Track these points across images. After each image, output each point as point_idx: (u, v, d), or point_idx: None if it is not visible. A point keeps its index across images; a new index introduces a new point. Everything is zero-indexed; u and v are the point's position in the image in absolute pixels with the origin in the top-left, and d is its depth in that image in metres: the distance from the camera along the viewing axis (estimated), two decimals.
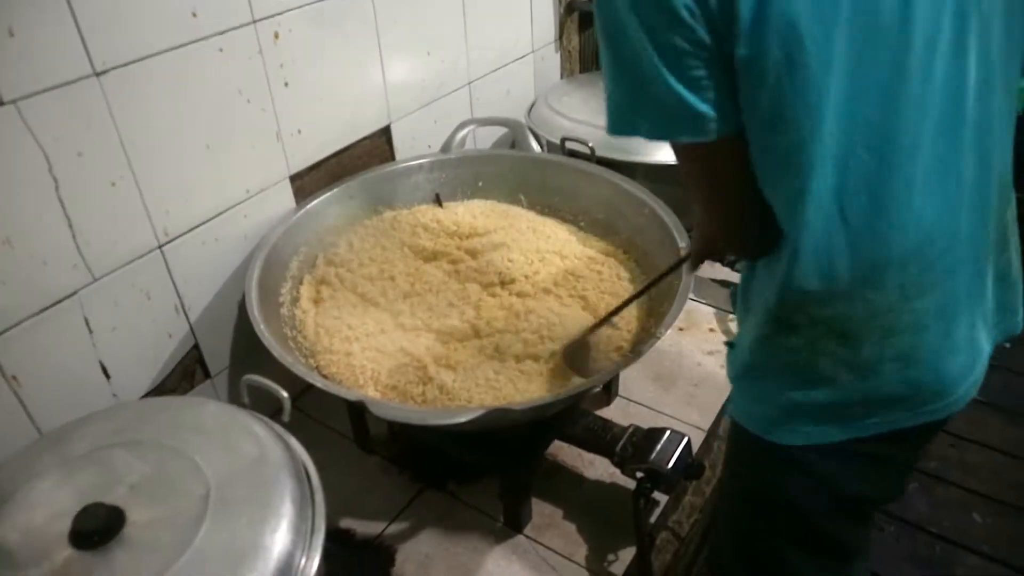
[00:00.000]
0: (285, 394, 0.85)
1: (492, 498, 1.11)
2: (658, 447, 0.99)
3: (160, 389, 1.11)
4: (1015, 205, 0.79)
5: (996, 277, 0.78)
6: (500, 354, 1.09)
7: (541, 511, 1.11)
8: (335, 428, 1.26)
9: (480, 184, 1.43)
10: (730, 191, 0.72)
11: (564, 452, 1.18)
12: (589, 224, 1.37)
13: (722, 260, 1.03)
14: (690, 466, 1.00)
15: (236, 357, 1.23)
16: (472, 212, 1.38)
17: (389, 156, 1.43)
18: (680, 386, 1.32)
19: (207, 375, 1.19)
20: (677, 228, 1.18)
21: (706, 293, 1.53)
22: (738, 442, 0.88)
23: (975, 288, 0.75)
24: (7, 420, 0.92)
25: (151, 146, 0.99)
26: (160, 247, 1.05)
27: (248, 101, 1.11)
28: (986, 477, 1.94)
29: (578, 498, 1.13)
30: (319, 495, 0.75)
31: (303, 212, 1.24)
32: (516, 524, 1.08)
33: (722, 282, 1.54)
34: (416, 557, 1.06)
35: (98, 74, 0.90)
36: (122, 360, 1.04)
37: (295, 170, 1.24)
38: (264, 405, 0.86)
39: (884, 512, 1.81)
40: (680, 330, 1.44)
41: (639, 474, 1.00)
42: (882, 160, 0.64)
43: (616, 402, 1.29)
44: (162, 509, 0.69)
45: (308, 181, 1.27)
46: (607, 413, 1.24)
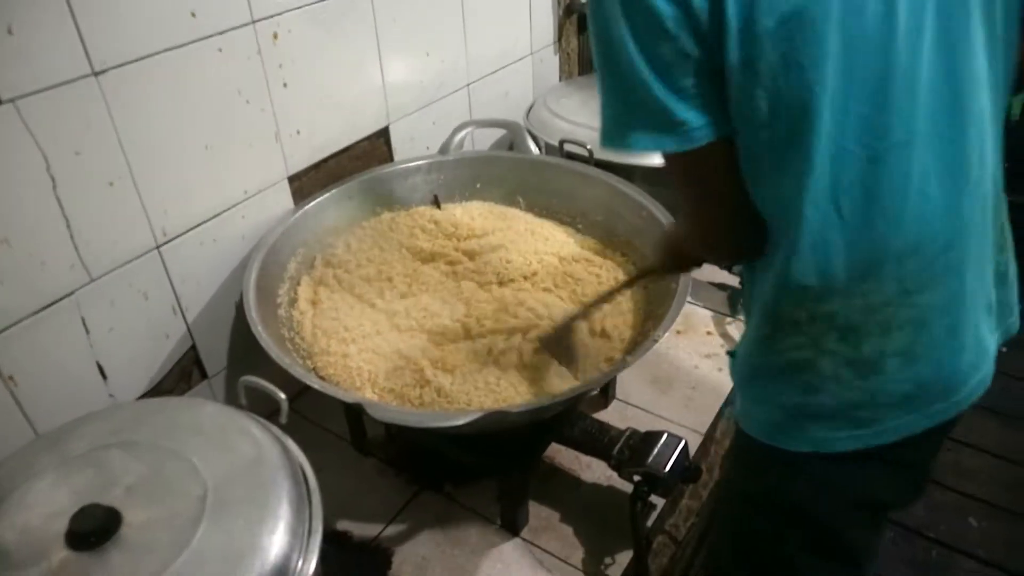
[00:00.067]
0: (282, 395, 0.85)
1: (489, 500, 1.11)
2: (655, 450, 0.99)
3: (157, 390, 1.11)
4: (1006, 207, 0.79)
5: (996, 276, 0.78)
6: (493, 356, 1.09)
7: (538, 514, 1.11)
8: (332, 430, 1.26)
9: (478, 186, 1.43)
10: (718, 197, 0.73)
11: (561, 455, 1.18)
12: (587, 226, 1.38)
13: (699, 265, 1.04)
14: (687, 469, 1.00)
15: (233, 358, 1.22)
16: (470, 214, 1.38)
17: (387, 157, 1.43)
18: (677, 389, 1.32)
19: (204, 376, 1.19)
20: None
21: (704, 296, 1.53)
22: (743, 448, 0.88)
23: (979, 286, 0.75)
24: (3, 420, 0.91)
25: (149, 146, 0.99)
26: (158, 247, 1.05)
27: (247, 101, 1.11)
28: (982, 481, 1.94)
29: (575, 501, 1.13)
30: (316, 497, 0.75)
31: (301, 213, 1.23)
32: (513, 527, 1.08)
33: (720, 285, 1.54)
34: (413, 559, 1.06)
35: (97, 74, 0.90)
36: (119, 360, 1.03)
37: (294, 171, 1.24)
38: (261, 406, 0.86)
39: None
40: (678, 333, 1.44)
41: (636, 477, 0.99)
42: (876, 156, 0.65)
43: (613, 405, 1.29)
44: (159, 510, 0.69)
45: (306, 182, 1.27)
46: (604, 416, 1.24)
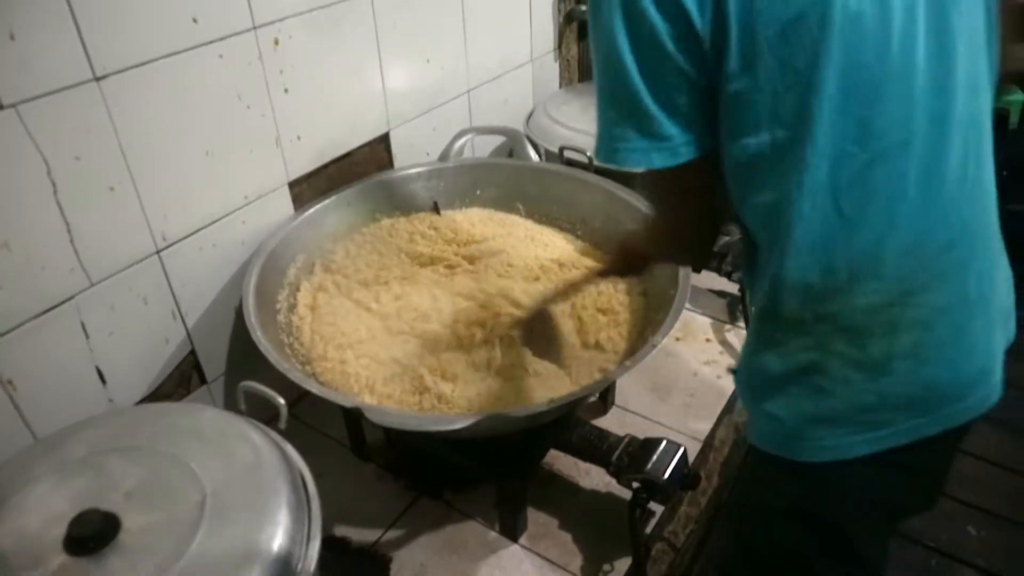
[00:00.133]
0: (282, 401, 0.85)
1: (488, 507, 1.11)
2: (654, 457, 0.99)
3: (156, 394, 1.11)
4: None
5: (1003, 280, 0.78)
6: (495, 367, 1.09)
7: (537, 520, 1.11)
8: (331, 435, 1.25)
9: (478, 192, 1.44)
10: (695, 207, 0.77)
11: (560, 461, 1.18)
12: (586, 233, 1.38)
13: (641, 269, 1.07)
14: (686, 476, 1.00)
15: (233, 363, 1.22)
16: (470, 220, 1.38)
17: (388, 163, 1.43)
18: (676, 396, 1.32)
19: (203, 381, 1.18)
20: None
21: (703, 303, 1.53)
22: (756, 461, 0.86)
23: (985, 287, 0.74)
24: (2, 425, 0.91)
25: (150, 151, 0.99)
26: (158, 252, 1.05)
27: (248, 107, 1.11)
28: (981, 490, 1.94)
29: (574, 508, 1.13)
30: (315, 502, 0.75)
31: (301, 219, 1.24)
32: (512, 533, 1.08)
33: (719, 293, 1.54)
34: (411, 565, 1.05)
35: (98, 79, 0.91)
36: (118, 365, 1.03)
37: (294, 176, 1.24)
38: (261, 412, 0.86)
39: None
40: (677, 340, 1.44)
41: (635, 484, 0.99)
42: (874, 157, 0.65)
43: (612, 412, 1.29)
44: (158, 515, 0.68)
45: (306, 188, 1.27)
46: (603, 423, 1.24)
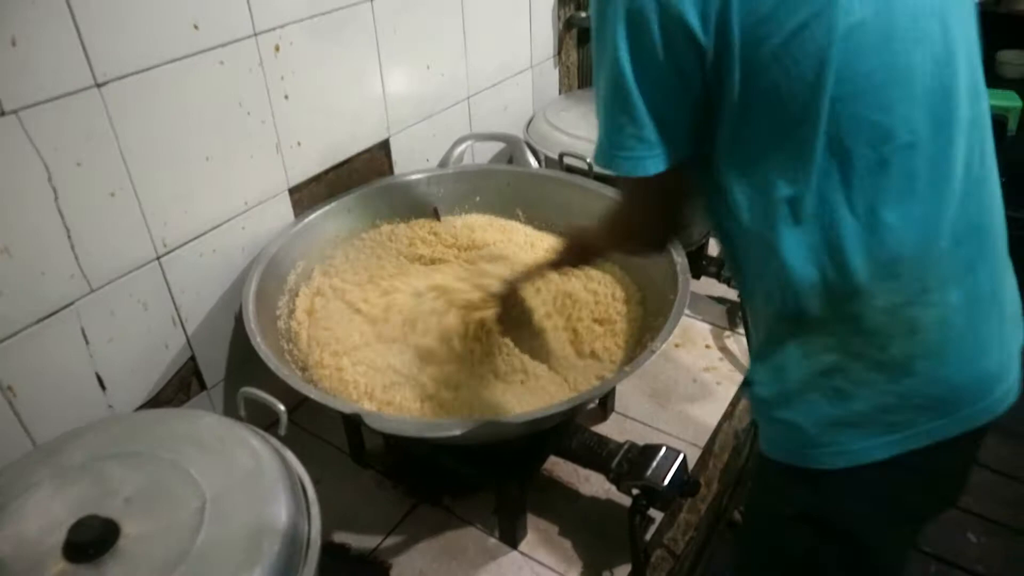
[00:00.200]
0: (282, 407, 0.84)
1: (487, 513, 1.11)
2: (654, 464, 0.99)
3: (156, 401, 1.11)
4: None
5: (1013, 281, 0.79)
6: (498, 376, 1.09)
7: (536, 527, 1.10)
8: (331, 442, 1.25)
9: (478, 199, 1.44)
10: (670, 204, 0.82)
11: (560, 468, 1.18)
12: None
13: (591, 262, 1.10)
14: (686, 483, 1.00)
15: (232, 369, 1.22)
16: (470, 226, 1.39)
17: (388, 169, 1.44)
18: (676, 403, 1.32)
19: (203, 387, 1.18)
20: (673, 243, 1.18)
21: (702, 309, 1.53)
22: (773, 473, 0.85)
23: (998, 286, 0.75)
24: (2, 430, 0.91)
25: (151, 157, 0.99)
26: (158, 258, 1.05)
27: (248, 113, 1.12)
28: (980, 496, 1.94)
29: (573, 514, 1.12)
30: (315, 509, 0.75)
31: (301, 225, 1.24)
32: (511, 540, 1.08)
33: (719, 299, 1.54)
34: (411, 572, 1.05)
35: (99, 85, 0.91)
36: (118, 371, 1.03)
37: (294, 182, 1.24)
38: (260, 418, 0.86)
39: None
40: (676, 346, 1.44)
41: (635, 491, 0.99)
42: (882, 156, 0.66)
43: (612, 418, 1.29)
44: (157, 522, 0.68)
45: (307, 194, 1.27)
46: (603, 429, 1.24)
